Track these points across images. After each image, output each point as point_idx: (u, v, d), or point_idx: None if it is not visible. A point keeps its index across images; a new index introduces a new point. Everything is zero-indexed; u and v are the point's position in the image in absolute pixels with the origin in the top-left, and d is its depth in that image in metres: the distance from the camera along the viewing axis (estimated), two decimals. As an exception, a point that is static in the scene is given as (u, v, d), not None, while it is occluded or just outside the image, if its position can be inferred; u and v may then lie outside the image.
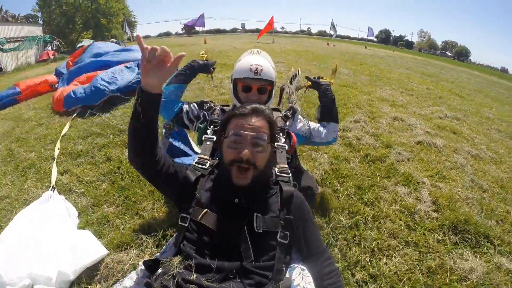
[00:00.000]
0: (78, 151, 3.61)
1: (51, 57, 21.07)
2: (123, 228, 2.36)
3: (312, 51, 15.41)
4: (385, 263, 2.11)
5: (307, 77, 2.51)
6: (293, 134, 2.10)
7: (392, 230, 2.41)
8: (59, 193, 2.78)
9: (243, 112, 1.55)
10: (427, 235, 2.41)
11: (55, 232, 2.17)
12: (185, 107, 2.22)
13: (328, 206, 2.61)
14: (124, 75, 5.31)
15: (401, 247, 2.26)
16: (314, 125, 2.37)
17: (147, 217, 2.48)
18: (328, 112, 2.38)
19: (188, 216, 1.47)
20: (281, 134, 1.95)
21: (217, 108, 2.22)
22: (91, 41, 28.50)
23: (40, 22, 37.14)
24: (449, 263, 2.16)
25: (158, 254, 1.71)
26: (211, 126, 2.00)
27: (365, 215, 2.55)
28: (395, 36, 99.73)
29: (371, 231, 2.38)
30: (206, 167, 1.67)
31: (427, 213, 2.66)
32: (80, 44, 26.01)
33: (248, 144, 1.46)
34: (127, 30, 27.91)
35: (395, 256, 2.17)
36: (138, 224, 2.39)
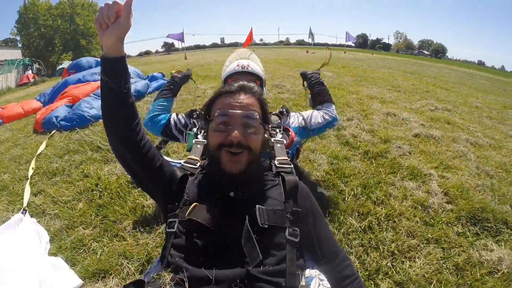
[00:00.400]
0: (54, 170, 3.39)
1: (31, 80, 20.77)
2: (101, 253, 2.10)
3: (292, 59, 15.53)
4: (410, 266, 1.91)
5: (300, 73, 2.49)
6: (290, 129, 1.87)
7: (409, 228, 2.21)
8: (31, 215, 2.54)
9: (230, 90, 1.33)
10: (446, 229, 2.22)
11: (21, 261, 1.91)
12: (173, 117, 2.10)
13: (335, 209, 2.40)
14: (98, 106, 5.22)
15: (422, 246, 2.07)
16: (307, 113, 2.24)
17: (128, 239, 2.22)
18: (319, 94, 2.30)
19: (175, 219, 1.21)
20: (277, 130, 1.72)
21: None
22: (71, 62, 28.38)
23: (19, 45, 37.20)
24: (475, 256, 1.99)
25: (142, 276, 1.45)
26: (202, 131, 1.79)
27: (377, 215, 2.35)
28: (372, 39, 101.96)
29: (387, 232, 2.18)
30: (196, 166, 1.41)
31: (441, 206, 2.49)
32: (60, 66, 25.88)
33: (238, 124, 1.24)
34: None
35: (418, 257, 1.98)
36: (118, 247, 2.12)
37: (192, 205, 1.18)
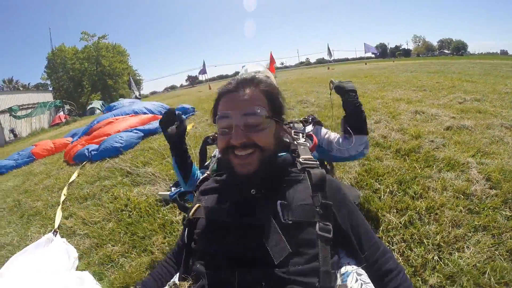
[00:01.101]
0: (85, 195, 3.52)
1: (64, 120, 22.07)
2: (128, 267, 2.11)
3: (315, 76, 15.61)
4: (459, 257, 1.77)
5: (331, 81, 2.16)
6: (314, 136, 1.80)
7: (454, 218, 2.08)
8: (62, 236, 2.62)
9: (229, 88, 1.24)
10: (493, 215, 2.07)
11: (48, 275, 1.97)
12: (200, 173, 1.94)
13: (371, 209, 2.30)
14: (128, 137, 5.46)
15: (470, 235, 1.93)
16: (334, 135, 2.05)
17: (156, 253, 2.22)
18: (352, 120, 1.94)
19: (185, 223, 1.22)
20: (300, 135, 1.66)
21: None
22: (100, 102, 29.78)
23: (50, 89, 39.59)
24: (530, 238, 1.83)
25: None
26: None
27: (417, 209, 2.22)
28: (391, 47, 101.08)
29: (429, 225, 2.05)
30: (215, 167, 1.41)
31: (485, 192, 2.33)
32: (90, 106, 27.14)
33: (239, 124, 1.14)
34: (134, 89, 28.05)
35: (467, 247, 1.84)
36: (146, 262, 2.13)
37: (195, 206, 1.18)
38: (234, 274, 0.97)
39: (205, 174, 1.54)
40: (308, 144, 1.57)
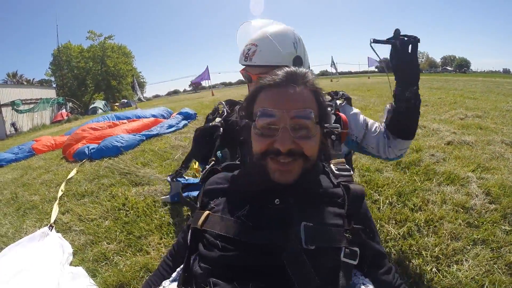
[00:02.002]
0: (83, 192, 3.50)
1: (65, 118, 22.03)
2: (123, 266, 2.08)
3: (319, 88, 15.62)
4: (458, 270, 1.77)
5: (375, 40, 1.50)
6: (343, 116, 1.55)
7: (452, 231, 2.08)
8: (57, 231, 2.61)
9: (274, 81, 1.02)
10: (492, 229, 2.08)
11: (41, 268, 1.96)
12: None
13: (370, 218, 2.28)
14: (130, 139, 5.44)
15: (469, 248, 1.93)
16: (375, 125, 1.73)
17: (152, 253, 2.20)
18: (404, 120, 1.59)
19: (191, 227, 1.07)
20: (329, 109, 1.24)
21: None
22: (103, 102, 29.66)
23: (54, 85, 39.59)
24: (529, 252, 1.83)
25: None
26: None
27: (415, 221, 2.23)
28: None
29: (428, 237, 2.06)
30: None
31: (484, 206, 2.34)
32: (92, 105, 27.06)
33: (287, 127, 0.95)
34: (138, 91, 27.70)
35: (466, 260, 1.84)
36: (141, 261, 2.09)
37: (205, 214, 1.02)
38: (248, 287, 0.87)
39: (212, 164, 1.35)
40: (339, 127, 1.23)
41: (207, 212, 1.03)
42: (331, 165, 1.18)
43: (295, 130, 0.96)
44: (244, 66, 1.70)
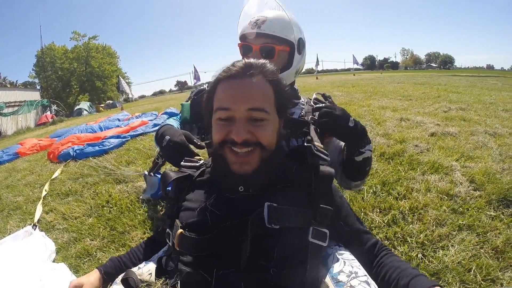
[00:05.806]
0: (67, 191, 3.43)
1: (50, 120, 21.43)
2: (105, 261, 2.03)
3: (303, 85, 15.64)
4: (444, 255, 1.76)
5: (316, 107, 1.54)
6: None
7: (437, 217, 2.07)
8: (41, 230, 2.55)
9: (230, 73, 1.03)
10: (477, 215, 2.07)
11: (24, 265, 1.90)
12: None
13: (354, 208, 2.26)
14: (118, 142, 5.32)
15: (454, 234, 1.93)
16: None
17: None
18: (353, 167, 1.56)
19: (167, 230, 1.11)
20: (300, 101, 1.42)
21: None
22: (88, 103, 29.14)
23: (38, 87, 38.58)
24: (514, 236, 1.84)
25: None
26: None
27: (400, 209, 2.22)
28: (379, 60, 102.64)
29: (413, 224, 2.04)
30: (197, 164, 1.22)
31: (469, 193, 2.34)
32: (77, 107, 26.54)
33: (242, 118, 0.99)
34: (125, 88, 26.27)
35: (452, 245, 1.83)
36: None
37: (178, 232, 1.02)
38: (212, 274, 0.92)
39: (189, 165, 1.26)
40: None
41: (180, 231, 1.03)
42: (315, 143, 1.21)
43: (250, 121, 1.00)
44: (242, 38, 1.66)
